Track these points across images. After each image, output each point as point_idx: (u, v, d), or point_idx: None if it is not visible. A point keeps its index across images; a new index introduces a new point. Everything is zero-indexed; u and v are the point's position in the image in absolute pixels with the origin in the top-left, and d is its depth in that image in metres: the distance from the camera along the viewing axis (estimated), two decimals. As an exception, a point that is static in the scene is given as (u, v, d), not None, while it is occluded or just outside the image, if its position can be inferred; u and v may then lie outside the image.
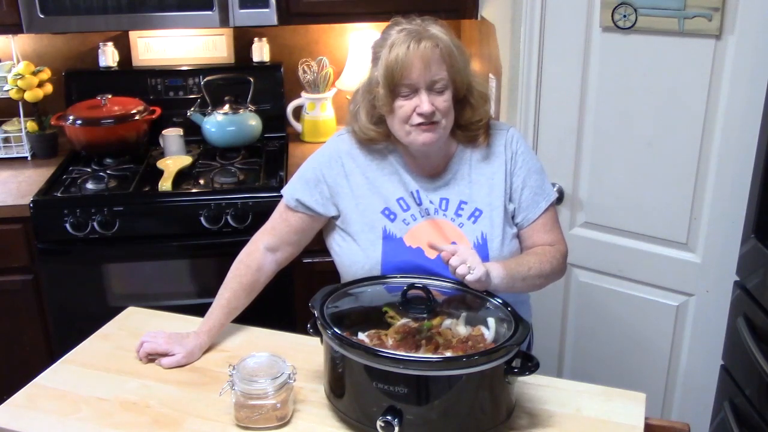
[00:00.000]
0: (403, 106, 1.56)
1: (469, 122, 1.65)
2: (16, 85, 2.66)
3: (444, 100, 1.56)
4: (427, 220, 1.66)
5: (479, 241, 1.63)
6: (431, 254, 1.61)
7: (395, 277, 1.55)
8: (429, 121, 1.56)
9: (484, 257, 1.61)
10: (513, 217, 1.68)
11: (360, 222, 1.67)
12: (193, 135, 2.78)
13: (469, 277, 1.44)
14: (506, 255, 1.63)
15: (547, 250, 1.65)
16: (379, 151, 1.70)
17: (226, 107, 2.74)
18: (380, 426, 1.28)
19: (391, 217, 1.66)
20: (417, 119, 1.55)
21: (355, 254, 1.66)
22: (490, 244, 1.63)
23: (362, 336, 1.39)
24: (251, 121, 2.77)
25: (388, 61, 1.53)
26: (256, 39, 2.88)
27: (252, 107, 2.79)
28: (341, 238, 1.70)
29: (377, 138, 1.66)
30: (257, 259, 1.71)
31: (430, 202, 1.67)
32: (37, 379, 1.55)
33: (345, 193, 1.69)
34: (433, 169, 1.69)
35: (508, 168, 1.68)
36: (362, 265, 1.64)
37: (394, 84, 1.54)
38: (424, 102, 1.54)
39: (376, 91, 1.59)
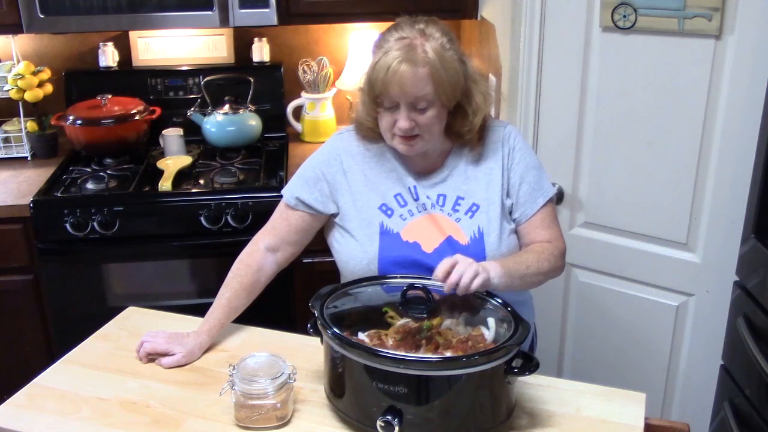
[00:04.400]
0: (385, 117, 1.58)
1: (460, 130, 1.65)
2: (16, 85, 2.66)
3: (426, 117, 1.56)
4: (424, 215, 1.66)
5: (476, 236, 1.63)
6: (428, 249, 1.62)
7: (395, 277, 1.55)
8: (410, 135, 1.57)
9: (481, 252, 1.61)
10: (511, 213, 1.69)
11: (357, 218, 1.67)
12: (193, 135, 2.78)
13: (472, 287, 1.43)
14: (504, 250, 1.64)
15: (545, 248, 1.65)
16: (377, 147, 1.70)
17: (226, 107, 2.74)
18: (380, 426, 1.28)
19: (389, 212, 1.67)
20: (399, 131, 1.57)
21: (352, 249, 1.67)
22: (486, 238, 1.63)
23: (362, 336, 1.39)
24: (251, 121, 2.77)
25: (371, 74, 1.55)
26: (256, 39, 2.88)
27: (252, 107, 2.79)
28: (340, 235, 1.70)
29: (375, 127, 1.66)
30: (258, 259, 1.71)
31: (427, 197, 1.67)
32: (37, 379, 1.55)
33: (344, 190, 1.70)
34: (429, 166, 1.69)
35: (505, 163, 1.68)
36: (360, 260, 1.65)
37: (374, 95, 1.56)
38: (402, 119, 1.55)
39: (365, 95, 1.61)
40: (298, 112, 2.94)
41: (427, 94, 1.53)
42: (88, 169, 2.63)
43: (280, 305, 2.40)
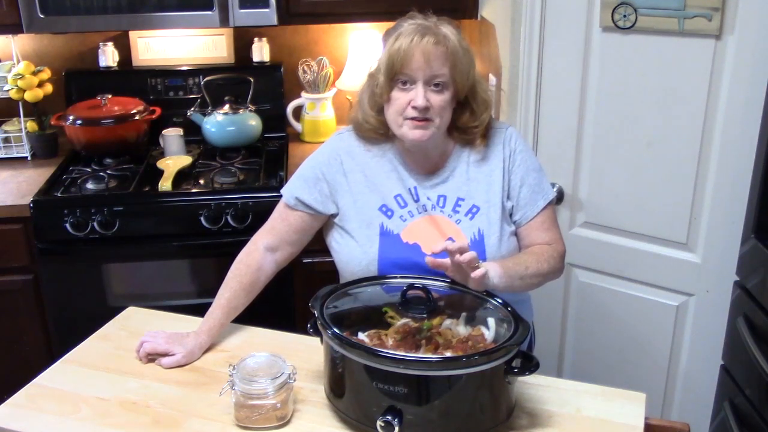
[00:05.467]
0: (400, 97, 1.58)
1: (466, 126, 1.66)
2: (16, 85, 2.66)
3: (441, 99, 1.57)
4: (424, 217, 1.66)
5: (476, 238, 1.64)
6: (428, 250, 1.62)
7: (395, 278, 1.55)
8: (422, 117, 1.57)
9: (481, 253, 1.61)
10: (511, 215, 1.69)
11: (357, 219, 1.67)
12: (193, 135, 2.78)
13: (475, 273, 1.42)
14: (504, 252, 1.64)
15: (544, 249, 1.66)
16: (378, 148, 1.70)
17: (226, 107, 2.74)
18: (380, 426, 1.28)
19: (389, 213, 1.67)
20: (411, 112, 1.57)
21: (352, 250, 1.67)
22: (486, 240, 1.63)
23: (362, 336, 1.39)
24: (251, 121, 2.77)
25: (390, 50, 1.55)
26: (256, 39, 2.88)
27: (252, 107, 2.79)
28: (339, 236, 1.70)
29: (377, 126, 1.67)
30: (257, 259, 1.71)
31: (428, 198, 1.67)
32: (37, 379, 1.55)
33: (344, 191, 1.69)
34: (431, 166, 1.69)
35: (506, 166, 1.68)
36: (359, 261, 1.65)
37: (393, 73, 1.56)
38: (419, 96, 1.55)
39: (378, 78, 1.60)
40: (298, 112, 2.94)
41: (444, 74, 1.55)
42: (88, 169, 2.63)
43: (280, 305, 2.40)
